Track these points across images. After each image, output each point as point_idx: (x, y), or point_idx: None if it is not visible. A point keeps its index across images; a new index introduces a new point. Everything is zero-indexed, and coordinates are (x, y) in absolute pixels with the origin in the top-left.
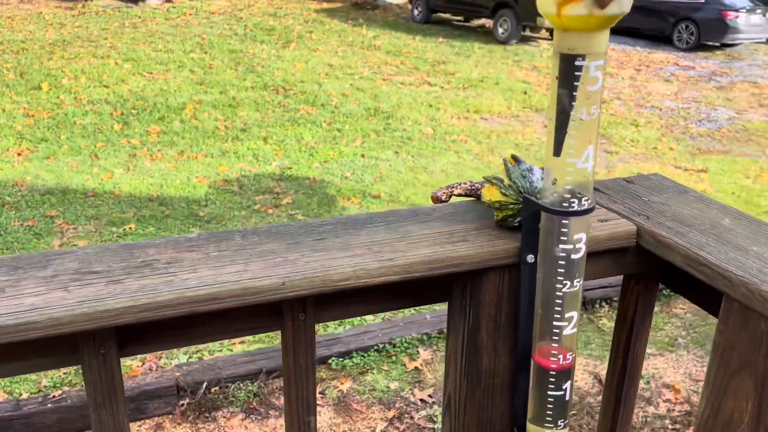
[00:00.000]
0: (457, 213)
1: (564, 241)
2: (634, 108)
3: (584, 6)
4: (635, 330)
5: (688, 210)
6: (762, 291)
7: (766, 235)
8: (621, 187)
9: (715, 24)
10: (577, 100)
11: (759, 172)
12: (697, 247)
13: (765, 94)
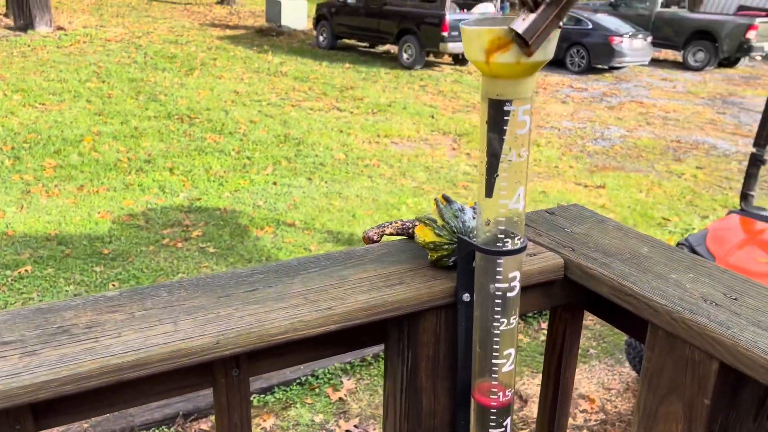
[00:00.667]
0: (391, 254)
1: (499, 279)
2: (535, 129)
3: (512, 54)
4: (564, 357)
5: (609, 240)
6: (685, 319)
7: (680, 262)
8: (544, 219)
9: (603, 48)
10: (507, 143)
11: (650, 186)
12: (621, 277)
13: (650, 113)
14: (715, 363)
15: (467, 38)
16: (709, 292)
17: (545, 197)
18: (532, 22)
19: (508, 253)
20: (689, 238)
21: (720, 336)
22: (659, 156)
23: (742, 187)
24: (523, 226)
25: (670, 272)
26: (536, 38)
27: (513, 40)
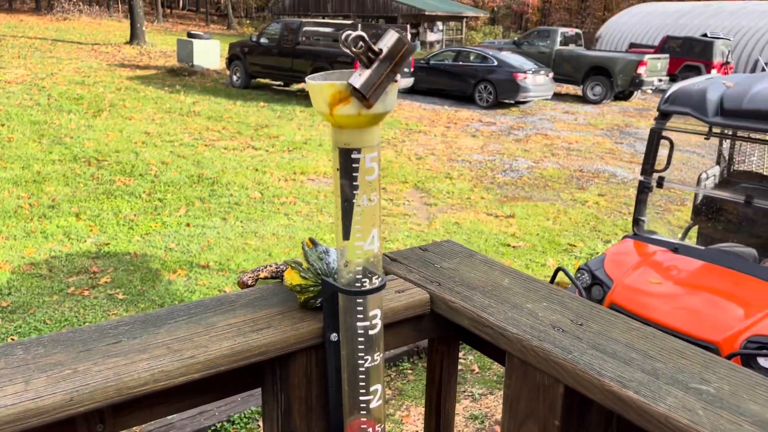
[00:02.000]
0: (263, 297)
1: (361, 318)
2: (447, 162)
3: (353, 107)
4: (443, 388)
5: (475, 273)
6: (534, 347)
7: (537, 292)
8: (417, 256)
9: (509, 84)
10: (358, 189)
11: (557, 214)
12: (480, 309)
13: (554, 144)
14: (561, 386)
15: (312, 92)
16: (558, 319)
17: (459, 228)
18: (368, 78)
19: (367, 293)
20: (589, 264)
21: (563, 361)
22: (564, 185)
23: (634, 213)
24: (380, 266)
25: (526, 302)
26: (373, 92)
27: (352, 94)
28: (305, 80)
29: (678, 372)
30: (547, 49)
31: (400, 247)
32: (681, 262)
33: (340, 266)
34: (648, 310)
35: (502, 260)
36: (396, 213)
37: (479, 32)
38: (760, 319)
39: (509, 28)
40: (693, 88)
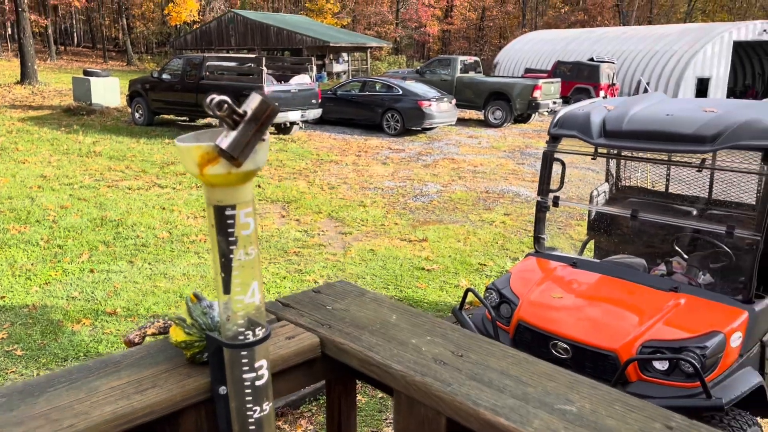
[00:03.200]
0: (150, 355)
1: (247, 370)
2: (360, 190)
3: (222, 166)
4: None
5: (365, 312)
6: (417, 382)
7: (422, 326)
8: (310, 299)
9: (415, 112)
10: (235, 244)
11: (467, 235)
12: (368, 348)
13: (461, 168)
14: (443, 419)
15: (181, 154)
16: (441, 352)
17: (374, 255)
18: (235, 138)
19: (251, 345)
20: (496, 283)
21: (442, 393)
22: (472, 207)
23: (534, 231)
24: (263, 317)
25: (411, 337)
26: (241, 152)
27: (220, 155)
28: (175, 142)
29: (545, 395)
30: (449, 77)
31: (317, 278)
32: (580, 275)
33: (223, 320)
34: (552, 325)
35: (417, 284)
36: (311, 244)
37: (384, 62)
38: (653, 325)
39: (412, 57)
40: (578, 112)
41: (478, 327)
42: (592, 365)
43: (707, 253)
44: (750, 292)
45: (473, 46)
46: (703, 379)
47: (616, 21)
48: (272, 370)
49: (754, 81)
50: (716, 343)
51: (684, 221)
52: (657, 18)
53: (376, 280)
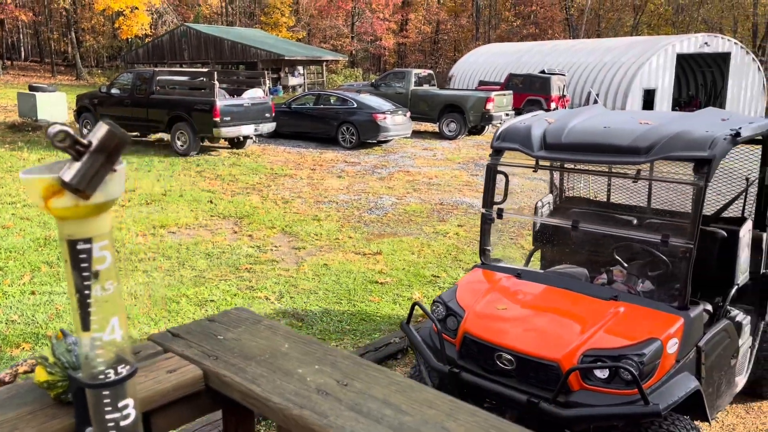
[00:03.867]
0: (18, 395)
1: (110, 410)
2: (315, 204)
3: (69, 199)
4: None
5: (257, 341)
6: (294, 415)
7: (313, 354)
8: (202, 328)
9: (370, 125)
10: (90, 279)
11: (421, 247)
12: (250, 381)
13: (416, 180)
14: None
15: (25, 187)
16: (326, 382)
17: (327, 270)
18: (78, 170)
19: (112, 384)
20: (442, 296)
21: (318, 427)
22: (426, 219)
23: (480, 244)
24: (127, 354)
25: (299, 367)
26: (88, 184)
27: (63, 187)
28: (20, 174)
29: (423, 424)
30: (403, 90)
31: (269, 294)
32: (524, 286)
33: (83, 359)
34: (497, 336)
35: (370, 297)
36: (263, 260)
37: (340, 75)
38: (593, 334)
39: (369, 70)
40: (520, 125)
41: (425, 340)
42: (536, 376)
43: (645, 262)
44: (685, 299)
45: (429, 59)
46: (641, 386)
47: (566, 34)
48: (150, 406)
49: (697, 91)
50: (653, 350)
51: (621, 231)
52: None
53: (329, 294)
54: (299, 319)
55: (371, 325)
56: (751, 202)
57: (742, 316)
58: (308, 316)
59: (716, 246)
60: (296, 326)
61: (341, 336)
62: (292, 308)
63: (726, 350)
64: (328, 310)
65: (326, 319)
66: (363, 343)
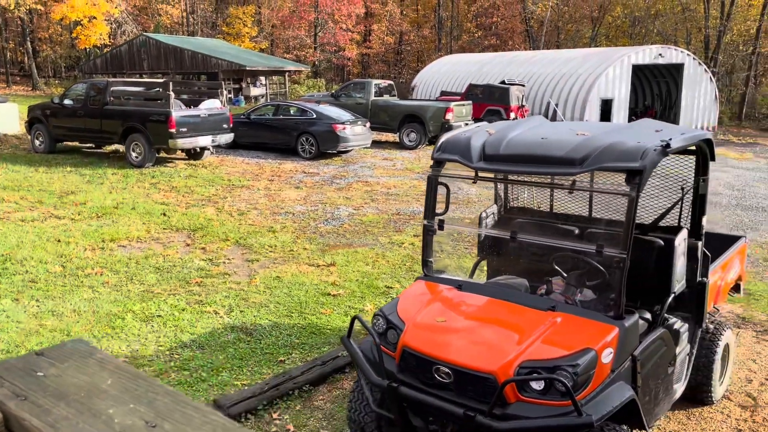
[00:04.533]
0: None
1: None
2: (271, 216)
3: None
4: None
5: (79, 377)
6: None
7: (134, 392)
8: (24, 363)
9: (329, 135)
10: None
11: (375, 258)
12: (51, 425)
13: (375, 190)
14: None
15: None
16: (134, 423)
17: (280, 282)
18: None
19: None
20: (383, 309)
21: None
22: (383, 229)
23: (422, 255)
24: None
25: (112, 406)
26: None
27: None
28: None
29: None
30: (364, 100)
31: (218, 309)
32: (465, 298)
33: None
34: (435, 349)
35: (322, 310)
36: (215, 273)
37: (303, 85)
38: (530, 345)
39: (332, 80)
40: (460, 136)
41: (366, 354)
42: (473, 388)
43: (583, 272)
44: (620, 309)
45: (392, 69)
46: (574, 397)
47: (526, 45)
48: None
49: (653, 101)
50: (588, 361)
51: (558, 241)
52: (564, 42)
53: (279, 307)
54: (248, 334)
55: (321, 339)
56: (686, 211)
57: (679, 324)
58: (257, 330)
59: (653, 255)
60: (244, 341)
61: (290, 350)
62: (241, 322)
63: (663, 358)
64: (278, 323)
65: (275, 333)
66: (312, 356)
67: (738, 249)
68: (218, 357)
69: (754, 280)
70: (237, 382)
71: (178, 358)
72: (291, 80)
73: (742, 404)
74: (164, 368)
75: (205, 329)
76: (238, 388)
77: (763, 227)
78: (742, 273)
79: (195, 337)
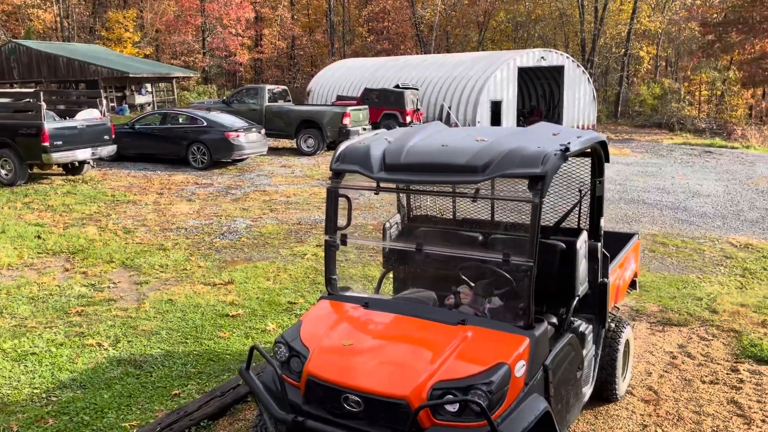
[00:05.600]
0: None
1: None
2: (161, 232)
3: None
4: None
5: None
6: None
7: None
8: None
9: (222, 144)
10: None
11: (276, 272)
12: None
13: (273, 199)
14: None
15: None
16: None
17: (172, 306)
18: None
19: None
20: (284, 335)
21: None
22: (283, 240)
23: (325, 273)
24: None
25: None
26: None
27: None
28: None
29: None
30: (258, 106)
31: (102, 340)
32: (372, 317)
33: None
34: (342, 377)
35: (220, 333)
36: (98, 300)
37: (193, 92)
38: (442, 363)
39: (224, 86)
40: (359, 145)
41: (268, 386)
42: (385, 416)
43: (491, 280)
44: (530, 318)
45: (286, 74)
46: (490, 418)
47: (417, 49)
48: None
49: (538, 102)
50: (501, 376)
51: (464, 250)
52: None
53: (173, 334)
54: (137, 367)
55: (220, 366)
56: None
57: (584, 326)
58: (147, 361)
59: (557, 258)
60: (133, 375)
61: (185, 381)
62: (129, 354)
63: (572, 364)
64: (171, 352)
65: (168, 364)
66: (210, 386)
67: (632, 246)
68: (103, 396)
69: (642, 272)
70: (125, 424)
71: (56, 401)
72: (179, 87)
73: (645, 398)
74: (40, 414)
75: (87, 365)
76: (126, 431)
77: (645, 219)
78: (637, 269)
79: (76, 375)
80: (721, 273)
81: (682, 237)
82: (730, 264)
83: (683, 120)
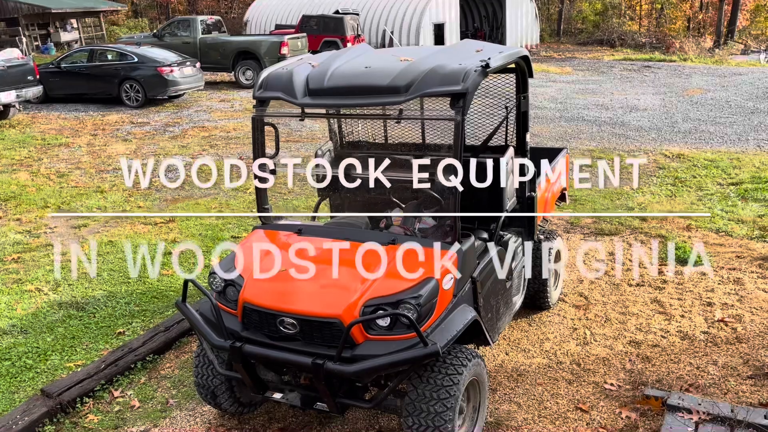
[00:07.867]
0: None
1: None
2: (97, 174)
3: None
4: None
5: None
6: None
7: None
8: None
9: (156, 80)
10: None
11: (220, 208)
12: None
13: (213, 135)
14: None
15: None
16: None
17: (113, 248)
18: None
19: None
20: (218, 265)
21: None
22: (223, 176)
23: (257, 203)
24: None
25: None
26: None
27: None
28: None
29: None
30: (191, 39)
31: (41, 286)
32: (305, 242)
33: None
34: (277, 302)
35: (163, 271)
36: (35, 246)
37: (123, 27)
38: (373, 282)
39: (156, 19)
40: (282, 71)
41: (205, 316)
42: (320, 335)
43: (419, 201)
44: (456, 234)
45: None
46: (419, 329)
47: None
48: None
49: (482, 23)
50: (429, 290)
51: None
52: None
53: (114, 275)
54: (79, 309)
55: (164, 303)
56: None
57: (514, 239)
58: (90, 303)
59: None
60: (75, 317)
61: (129, 320)
62: (70, 297)
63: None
64: (114, 292)
65: (112, 304)
66: (154, 323)
67: (561, 161)
68: (46, 339)
69: (578, 186)
70: (70, 365)
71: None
72: (108, 22)
73: (576, 304)
74: None
75: (28, 311)
76: (71, 371)
77: (584, 136)
78: (567, 183)
79: (15, 321)
80: (653, 183)
81: (618, 151)
82: (662, 174)
83: (624, 36)
